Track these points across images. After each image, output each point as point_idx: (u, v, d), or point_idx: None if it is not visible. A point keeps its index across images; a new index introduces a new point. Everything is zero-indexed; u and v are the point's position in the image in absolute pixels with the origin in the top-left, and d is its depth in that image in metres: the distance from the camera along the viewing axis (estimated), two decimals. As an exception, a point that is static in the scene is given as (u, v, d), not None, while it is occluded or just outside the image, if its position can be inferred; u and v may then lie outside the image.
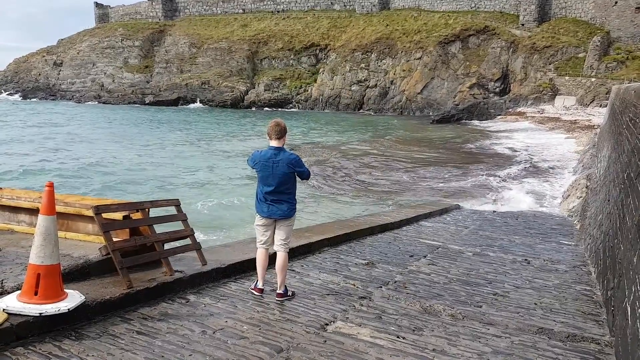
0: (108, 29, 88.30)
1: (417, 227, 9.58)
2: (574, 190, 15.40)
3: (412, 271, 6.40)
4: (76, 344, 3.62)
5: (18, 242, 5.09)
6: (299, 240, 6.88)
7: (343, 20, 74.41)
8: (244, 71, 73.30)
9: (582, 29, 57.66)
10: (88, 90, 79.03)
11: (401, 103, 63.30)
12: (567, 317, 5.07)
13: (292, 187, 4.83)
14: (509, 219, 11.48)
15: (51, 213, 3.78)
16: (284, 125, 4.84)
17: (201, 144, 31.83)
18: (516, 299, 5.54)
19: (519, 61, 58.13)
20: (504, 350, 4.13)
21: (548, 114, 45.85)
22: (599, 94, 45.86)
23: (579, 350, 4.25)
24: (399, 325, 4.51)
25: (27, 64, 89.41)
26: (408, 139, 36.59)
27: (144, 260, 4.82)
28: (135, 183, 18.57)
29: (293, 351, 3.83)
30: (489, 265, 7.03)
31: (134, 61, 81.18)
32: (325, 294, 5.20)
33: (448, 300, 5.35)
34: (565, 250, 8.50)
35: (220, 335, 4.01)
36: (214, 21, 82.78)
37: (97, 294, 4.20)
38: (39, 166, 21.44)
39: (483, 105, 54.06)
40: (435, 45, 62.88)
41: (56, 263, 3.77)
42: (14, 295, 3.75)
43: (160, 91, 73.33)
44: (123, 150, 27.58)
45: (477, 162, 25.77)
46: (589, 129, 33.81)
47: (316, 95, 68.68)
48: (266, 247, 4.97)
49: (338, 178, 20.17)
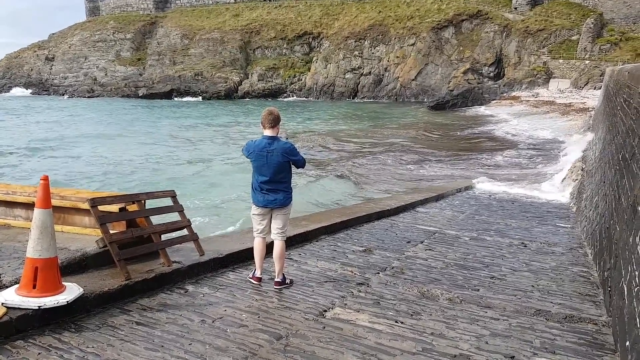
0: (99, 22, 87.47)
1: (414, 213, 9.60)
2: (570, 173, 15.45)
3: (410, 257, 6.43)
4: (76, 336, 3.63)
5: (15, 236, 5.08)
6: (296, 228, 6.89)
7: (335, 8, 73.94)
8: (237, 61, 72.86)
9: (575, 11, 57.51)
10: (81, 84, 78.35)
11: (396, 90, 63.15)
12: (564, 299, 5.11)
13: (287, 176, 4.82)
14: (505, 203, 11.52)
15: (47, 206, 3.77)
16: (278, 113, 4.82)
17: (195, 135, 31.71)
18: (513, 282, 5.58)
19: (513, 45, 58.00)
20: (502, 333, 4.17)
21: (542, 98, 45.87)
22: (593, 76, 45.88)
23: (576, 331, 4.29)
24: (397, 310, 4.54)
25: (18, 60, 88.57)
26: (404, 125, 36.54)
27: (141, 251, 4.83)
28: (128, 176, 18.52)
29: (292, 338, 3.86)
30: (486, 249, 7.06)
31: (126, 54, 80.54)
32: (323, 281, 5.22)
33: (445, 284, 5.38)
34: (561, 232, 8.55)
35: (219, 324, 4.03)
36: (205, 12, 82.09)
37: (95, 286, 4.21)
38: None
39: (477, 90, 54.00)
40: (428, 31, 62.62)
41: (54, 256, 3.77)
42: (12, 289, 3.75)
43: (153, 84, 72.76)
44: (118, 144, 27.45)
45: (472, 147, 25.80)
46: (583, 112, 33.85)
47: (310, 84, 68.40)
48: (263, 236, 4.97)
49: (334, 166, 20.15)
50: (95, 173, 19.07)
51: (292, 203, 4.95)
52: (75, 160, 22.08)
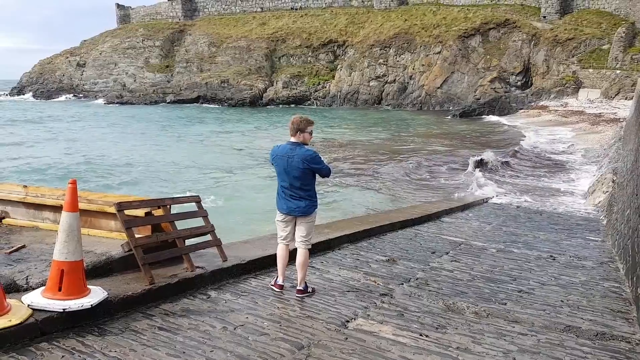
0: (129, 29, 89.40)
1: (439, 223, 9.46)
2: (600, 185, 15.03)
3: (434, 268, 6.31)
4: (99, 339, 3.64)
5: (43, 239, 5.17)
6: (319, 236, 6.84)
7: (361, 17, 73.95)
8: (263, 69, 73.43)
9: (606, 20, 56.23)
10: (110, 90, 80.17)
11: (420, 98, 62.66)
12: (595, 315, 4.93)
13: (309, 183, 4.75)
14: (533, 215, 11.26)
15: (74, 210, 3.81)
16: (300, 120, 4.72)
17: (219, 141, 32.03)
18: (542, 296, 5.41)
19: (541, 54, 57.00)
20: (530, 349, 4.03)
21: (572, 108, 44.89)
22: (625, 86, 44.72)
23: (608, 349, 4.13)
24: (422, 323, 4.44)
25: (51, 65, 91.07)
26: (429, 134, 36.21)
27: (165, 256, 4.84)
28: (154, 180, 18.78)
29: (314, 348, 3.80)
30: (514, 261, 6.89)
31: (154, 61, 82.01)
32: (346, 291, 5.15)
33: (472, 297, 5.25)
34: (591, 246, 8.30)
35: (241, 331, 4.00)
36: (232, 20, 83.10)
37: (119, 290, 4.23)
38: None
39: (504, 99, 53.18)
40: (454, 40, 62.05)
41: (79, 259, 3.80)
42: (38, 292, 3.80)
43: (180, 90, 73.92)
44: (142, 147, 27.93)
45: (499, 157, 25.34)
46: (614, 122, 32.99)
47: (334, 91, 68.43)
48: (286, 243, 4.94)
49: (357, 174, 20.06)
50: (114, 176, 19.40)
51: (317, 211, 4.90)
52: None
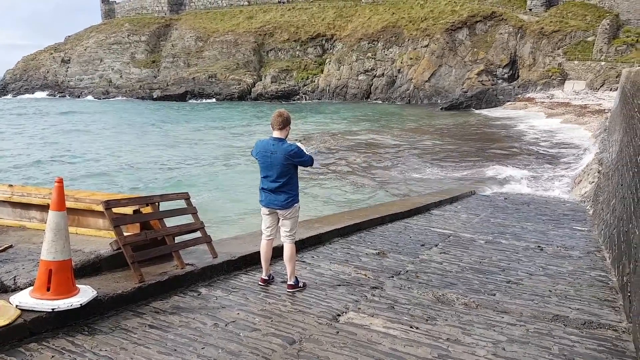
0: (114, 24, 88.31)
1: (428, 215, 9.51)
2: (586, 176, 15.22)
3: (424, 260, 6.35)
4: (89, 338, 3.62)
5: (30, 238, 5.11)
6: (309, 231, 6.85)
7: (349, 10, 73.82)
8: (251, 63, 73.07)
9: (591, 12, 56.75)
10: (96, 86, 79.28)
11: (409, 91, 62.84)
12: (582, 304, 5.00)
13: (291, 178, 4.77)
14: (520, 206, 11.37)
15: (61, 209, 3.77)
16: (287, 115, 4.79)
17: (208, 137, 31.86)
18: (530, 287, 5.48)
19: (527, 46, 57.41)
20: (520, 339, 4.09)
21: (558, 99, 45.35)
22: (609, 77, 45.22)
23: (595, 337, 4.19)
24: (412, 315, 4.47)
25: (35, 62, 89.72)
26: (417, 127, 36.35)
27: (155, 254, 4.82)
28: (142, 178, 18.65)
29: (305, 342, 3.82)
30: (502, 252, 6.96)
31: (140, 56, 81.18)
32: (337, 285, 5.17)
33: (461, 289, 5.30)
34: (578, 236, 8.40)
35: (232, 327, 4.00)
36: (219, 14, 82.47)
37: (109, 289, 4.21)
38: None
39: (492, 91, 53.54)
40: (442, 33, 62.23)
41: (68, 258, 3.78)
42: (26, 292, 3.76)
43: (167, 85, 73.32)
44: (130, 145, 27.69)
45: (487, 149, 25.55)
46: (599, 113, 33.38)
47: (323, 85, 68.36)
48: (269, 238, 4.96)
49: (346, 167, 20.10)
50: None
51: (299, 206, 4.90)
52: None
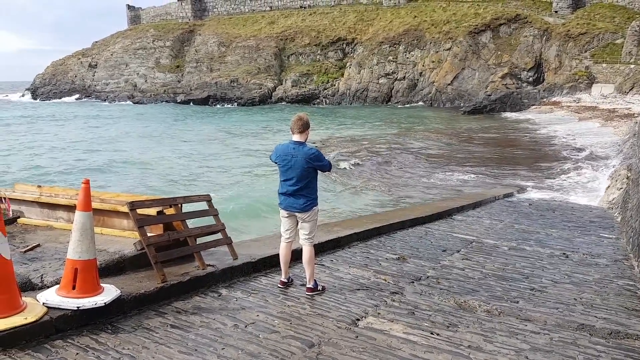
0: (140, 30, 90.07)
1: (450, 220, 9.41)
2: (614, 182, 14.86)
3: (445, 266, 6.28)
4: (112, 337, 3.69)
5: (57, 238, 5.24)
6: (328, 234, 6.85)
7: (370, 14, 73.77)
8: (272, 68, 73.57)
9: (620, 14, 55.56)
10: (122, 90, 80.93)
11: (431, 95, 62.39)
12: (609, 313, 4.87)
13: (311, 181, 4.79)
14: (545, 212, 11.16)
15: (87, 209, 3.86)
16: (307, 119, 4.82)
17: (230, 140, 32.14)
18: (555, 294, 5.36)
19: (553, 49, 56.45)
20: (543, 347, 4.00)
21: (585, 103, 44.42)
22: (639, 81, 44.12)
23: (622, 348, 4.08)
24: (433, 321, 4.42)
25: (63, 67, 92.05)
26: (439, 131, 36.01)
27: (177, 254, 4.89)
28: (165, 179, 18.91)
29: (324, 346, 3.81)
30: (526, 259, 6.83)
31: (165, 61, 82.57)
32: (356, 289, 5.15)
33: (483, 295, 5.22)
34: (605, 243, 8.20)
35: (252, 329, 4.02)
36: (242, 19, 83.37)
37: (132, 288, 4.28)
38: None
39: (516, 95, 52.72)
40: (465, 35, 61.67)
41: (93, 258, 3.85)
42: (53, 290, 3.85)
43: (191, 90, 74.38)
44: (152, 148, 28.12)
45: (510, 153, 25.18)
46: (628, 118, 32.57)
47: (343, 89, 68.35)
48: (288, 241, 4.97)
49: (367, 172, 20.03)
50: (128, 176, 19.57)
51: (317, 209, 4.90)
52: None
